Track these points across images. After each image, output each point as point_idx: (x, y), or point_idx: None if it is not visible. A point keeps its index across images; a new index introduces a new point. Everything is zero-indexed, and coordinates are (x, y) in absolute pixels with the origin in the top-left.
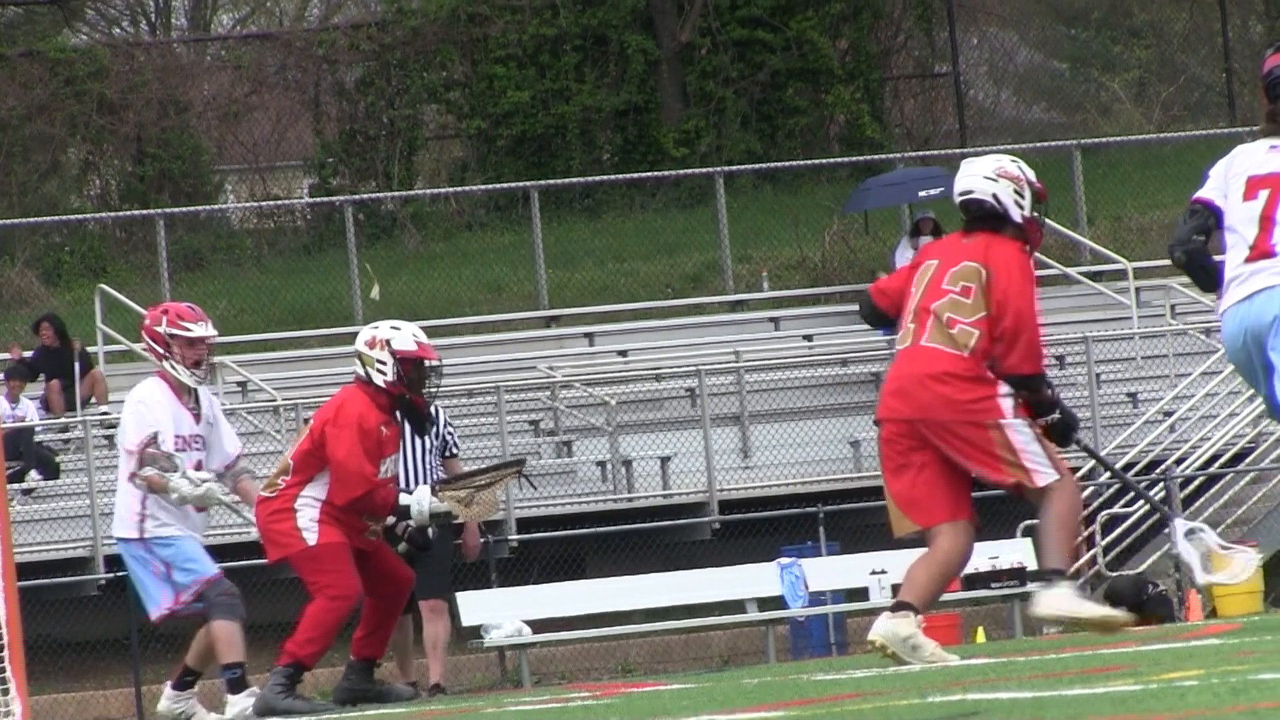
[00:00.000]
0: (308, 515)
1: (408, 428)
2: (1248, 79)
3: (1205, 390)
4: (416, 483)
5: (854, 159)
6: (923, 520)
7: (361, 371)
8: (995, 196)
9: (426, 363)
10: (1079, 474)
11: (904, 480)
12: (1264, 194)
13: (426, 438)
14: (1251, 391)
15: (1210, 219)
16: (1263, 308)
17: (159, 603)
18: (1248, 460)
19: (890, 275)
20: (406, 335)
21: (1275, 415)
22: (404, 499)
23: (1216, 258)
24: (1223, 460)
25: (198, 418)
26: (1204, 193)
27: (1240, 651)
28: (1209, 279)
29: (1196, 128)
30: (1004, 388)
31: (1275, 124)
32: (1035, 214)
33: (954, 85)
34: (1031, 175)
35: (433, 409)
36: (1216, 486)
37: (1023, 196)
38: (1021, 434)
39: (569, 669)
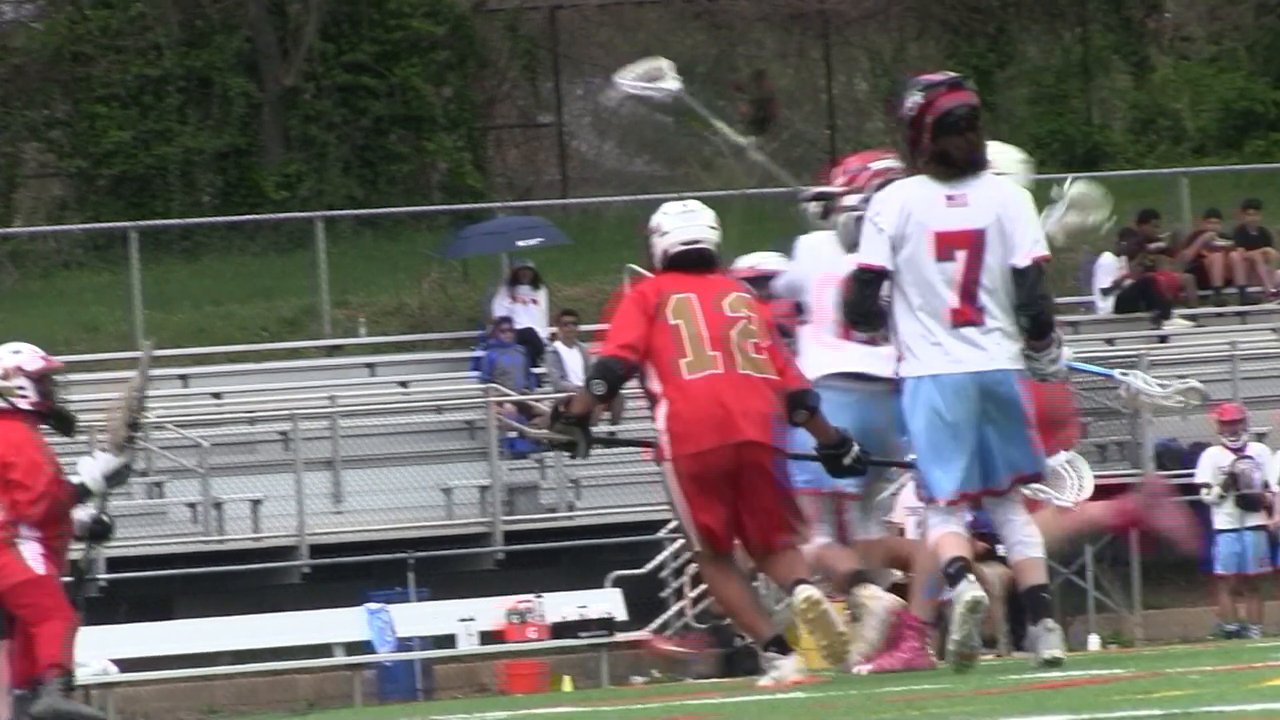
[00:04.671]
0: (32, 549)
1: None
2: (851, 136)
3: None
4: None
5: (455, 207)
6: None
7: (2, 403)
8: (716, 245)
9: (53, 373)
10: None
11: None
12: (961, 255)
13: None
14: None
15: (882, 282)
16: (998, 385)
17: None
18: None
19: (620, 330)
20: (30, 354)
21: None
22: (74, 479)
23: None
24: None
25: None
26: (870, 258)
27: (822, 704)
28: (879, 327)
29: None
30: None
31: (949, 166)
32: None
33: (557, 136)
34: None
35: None
36: None
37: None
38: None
39: (154, 709)
